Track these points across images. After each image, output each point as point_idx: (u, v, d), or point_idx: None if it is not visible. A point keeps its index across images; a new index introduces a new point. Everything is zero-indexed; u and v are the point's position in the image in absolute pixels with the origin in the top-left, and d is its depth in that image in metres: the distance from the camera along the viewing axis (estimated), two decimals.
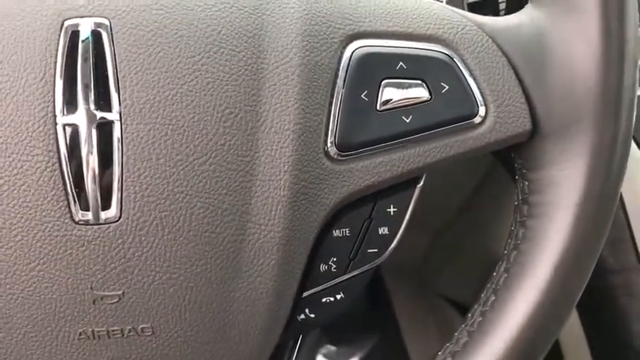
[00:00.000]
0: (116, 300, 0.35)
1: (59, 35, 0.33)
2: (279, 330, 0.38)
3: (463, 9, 0.47)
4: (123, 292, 0.34)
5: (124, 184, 0.33)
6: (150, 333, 0.36)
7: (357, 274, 0.39)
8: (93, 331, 0.35)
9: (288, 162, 0.35)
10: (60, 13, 0.34)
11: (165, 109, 0.33)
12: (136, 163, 0.33)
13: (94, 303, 0.34)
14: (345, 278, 0.39)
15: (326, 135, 0.36)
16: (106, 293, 0.34)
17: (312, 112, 0.35)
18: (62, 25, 0.33)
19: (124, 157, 0.33)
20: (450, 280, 0.87)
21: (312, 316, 0.39)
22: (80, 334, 0.35)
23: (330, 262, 0.38)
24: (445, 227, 0.81)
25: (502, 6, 0.60)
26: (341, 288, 0.39)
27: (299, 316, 0.39)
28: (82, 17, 0.34)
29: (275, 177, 0.35)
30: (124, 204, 0.33)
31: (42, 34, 0.33)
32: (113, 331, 0.35)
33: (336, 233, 0.38)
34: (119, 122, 0.33)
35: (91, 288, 0.34)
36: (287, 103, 0.35)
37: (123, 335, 0.35)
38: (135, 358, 0.36)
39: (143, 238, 0.34)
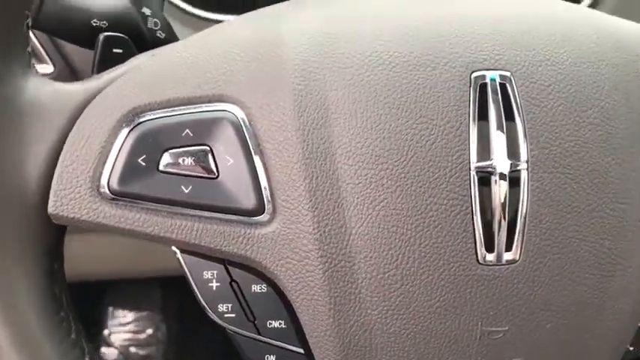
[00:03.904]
0: (500, 335, 0.37)
1: (469, 86, 0.35)
2: None
3: None
4: (508, 329, 0.37)
5: (526, 228, 0.35)
6: None
7: None
8: None
9: None
10: (467, 66, 0.36)
11: (567, 158, 0.36)
12: (540, 209, 0.35)
13: (479, 338, 0.37)
14: None
15: None
16: (494, 329, 0.36)
17: None
18: (470, 76, 0.36)
19: (529, 204, 0.35)
20: None
21: (632, 349, 0.42)
22: None
23: None
24: None
25: None
26: None
27: None
28: (487, 70, 0.36)
29: None
30: (524, 247, 0.35)
31: (454, 85, 0.35)
32: None
33: None
34: (526, 171, 0.35)
35: (481, 324, 0.36)
36: None
37: None
38: None
39: (536, 279, 0.36)
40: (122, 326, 1.26)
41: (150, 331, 1.26)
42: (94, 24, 0.44)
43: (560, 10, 0.41)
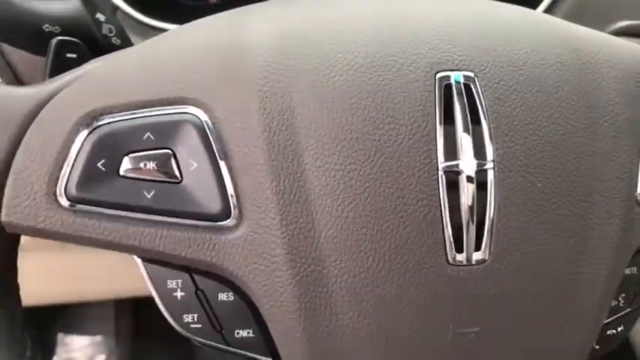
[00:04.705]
0: (472, 336, 0.36)
1: (434, 87, 0.35)
2: None
3: None
4: (479, 329, 0.36)
5: (494, 227, 0.35)
6: None
7: (637, 309, 0.43)
8: None
9: (618, 206, 0.38)
10: (432, 66, 0.36)
11: (531, 157, 0.36)
12: (507, 209, 0.35)
13: (452, 339, 0.36)
14: (627, 312, 0.42)
15: (637, 182, 0.39)
16: (465, 330, 0.36)
17: (633, 161, 0.39)
18: (435, 77, 0.36)
19: (497, 203, 0.35)
20: None
21: (597, 347, 0.42)
22: None
23: (619, 298, 0.42)
24: None
25: None
26: (623, 321, 0.43)
27: None
28: (451, 70, 0.36)
29: (607, 221, 0.38)
30: (493, 247, 0.35)
31: (419, 85, 0.35)
32: None
33: (627, 271, 0.41)
34: (493, 170, 0.35)
35: (453, 325, 0.36)
36: (618, 153, 0.38)
37: None
38: None
39: (505, 278, 0.36)
40: (74, 352, 1.22)
41: (103, 356, 1.22)
42: (46, 29, 0.43)
43: (518, 13, 0.41)
